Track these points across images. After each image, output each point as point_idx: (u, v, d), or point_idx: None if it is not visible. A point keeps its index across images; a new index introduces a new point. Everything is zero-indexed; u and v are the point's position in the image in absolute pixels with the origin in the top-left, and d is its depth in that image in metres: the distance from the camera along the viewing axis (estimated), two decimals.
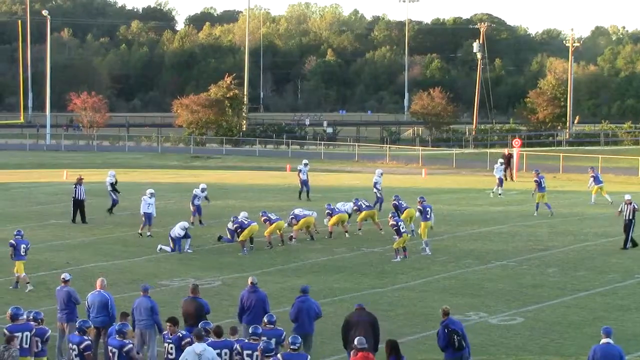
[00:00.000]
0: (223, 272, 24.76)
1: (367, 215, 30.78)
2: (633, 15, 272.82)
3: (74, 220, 33.05)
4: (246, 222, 27.64)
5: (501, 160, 44.80)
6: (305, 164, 40.78)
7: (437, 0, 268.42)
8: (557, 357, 17.45)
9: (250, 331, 14.46)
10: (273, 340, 14.56)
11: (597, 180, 39.16)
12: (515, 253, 27.63)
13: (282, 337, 14.85)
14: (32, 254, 24.26)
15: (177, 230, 27.57)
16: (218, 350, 14.02)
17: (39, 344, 14.91)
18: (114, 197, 35.22)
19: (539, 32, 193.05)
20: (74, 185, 33.35)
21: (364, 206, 30.90)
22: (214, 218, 34.04)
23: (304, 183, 40.12)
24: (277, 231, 28.48)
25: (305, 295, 16.70)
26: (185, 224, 27.91)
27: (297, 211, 29.83)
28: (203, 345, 13.76)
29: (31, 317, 15.10)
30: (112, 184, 35.22)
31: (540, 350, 17.81)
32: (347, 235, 30.05)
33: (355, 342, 13.93)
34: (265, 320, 15.13)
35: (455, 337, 15.18)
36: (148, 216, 30.20)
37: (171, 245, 27.69)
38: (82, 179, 33.90)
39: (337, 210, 30.39)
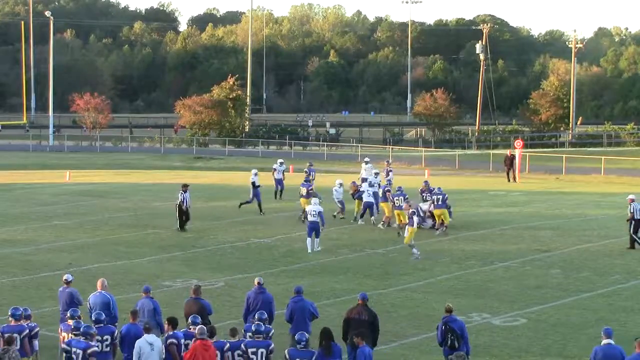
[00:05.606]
0: (226, 273, 24.76)
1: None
2: (636, 16, 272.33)
3: (181, 228, 31.57)
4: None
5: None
6: (281, 163, 40.82)
7: (439, 2, 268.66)
8: (560, 358, 17.44)
9: (253, 329, 14.49)
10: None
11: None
12: (518, 254, 27.60)
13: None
14: (35, 255, 24.32)
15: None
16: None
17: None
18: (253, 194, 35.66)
19: (541, 33, 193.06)
20: (180, 193, 31.88)
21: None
22: (217, 219, 34.06)
23: (279, 182, 40.15)
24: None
25: (299, 295, 16.72)
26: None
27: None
28: (153, 336, 14.29)
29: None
30: (253, 182, 35.52)
31: (543, 351, 17.80)
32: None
33: (197, 332, 14.13)
34: (256, 317, 15.15)
35: (449, 335, 15.20)
36: (342, 203, 33.62)
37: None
38: (188, 186, 32.61)
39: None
